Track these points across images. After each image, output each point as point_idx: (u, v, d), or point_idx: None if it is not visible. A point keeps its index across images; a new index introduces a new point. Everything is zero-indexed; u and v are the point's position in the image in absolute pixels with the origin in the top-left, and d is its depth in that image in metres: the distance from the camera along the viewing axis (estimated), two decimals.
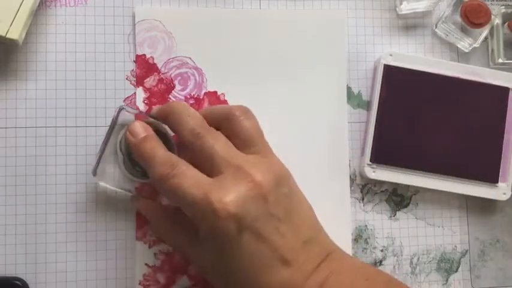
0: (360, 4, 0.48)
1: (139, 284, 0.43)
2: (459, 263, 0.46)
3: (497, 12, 0.47)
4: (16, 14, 0.40)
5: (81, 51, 0.44)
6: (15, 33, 0.40)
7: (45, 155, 0.43)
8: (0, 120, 0.42)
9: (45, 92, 0.43)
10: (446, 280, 0.46)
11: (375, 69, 0.46)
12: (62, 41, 0.44)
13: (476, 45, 0.47)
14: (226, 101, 0.45)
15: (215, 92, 0.45)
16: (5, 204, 0.42)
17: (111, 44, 0.44)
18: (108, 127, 0.40)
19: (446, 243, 0.47)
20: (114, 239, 0.43)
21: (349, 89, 0.47)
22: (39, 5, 0.42)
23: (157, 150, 0.37)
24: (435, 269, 0.46)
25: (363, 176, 0.46)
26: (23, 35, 0.41)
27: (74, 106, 0.43)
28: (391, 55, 0.46)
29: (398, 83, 0.45)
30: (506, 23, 0.47)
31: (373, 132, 0.45)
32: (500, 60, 0.47)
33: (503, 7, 0.47)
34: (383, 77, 0.45)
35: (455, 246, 0.47)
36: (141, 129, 0.38)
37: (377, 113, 0.45)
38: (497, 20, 0.47)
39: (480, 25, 0.46)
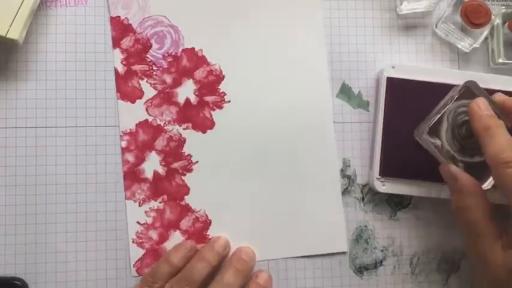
0: (360, 4, 0.48)
1: (133, 242, 0.43)
2: (459, 264, 0.46)
3: (497, 12, 0.47)
4: (16, 14, 0.40)
5: (81, 51, 0.44)
6: (15, 33, 0.40)
7: (45, 155, 0.43)
8: (0, 120, 0.42)
9: (45, 92, 0.43)
10: (447, 280, 0.46)
11: (378, 82, 0.46)
12: (62, 41, 0.44)
13: (476, 45, 0.47)
14: (204, 56, 0.45)
15: (192, 49, 0.45)
16: (4, 204, 0.42)
17: (111, 44, 0.44)
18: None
19: (447, 244, 0.46)
20: (115, 239, 0.43)
21: (349, 89, 0.47)
22: (39, 5, 0.42)
23: (500, 131, 0.38)
24: (435, 269, 0.46)
25: (373, 189, 0.45)
26: (23, 35, 0.41)
27: (74, 106, 0.43)
28: (393, 67, 0.45)
29: (402, 94, 0.45)
30: (507, 23, 0.47)
31: (380, 146, 0.45)
32: (500, 60, 0.47)
33: (503, 7, 0.47)
34: (386, 89, 0.45)
35: (455, 246, 0.47)
36: (487, 106, 0.39)
37: (383, 125, 0.45)
38: (497, 20, 0.47)
39: (480, 25, 0.46)
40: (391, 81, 0.45)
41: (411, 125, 0.45)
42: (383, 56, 0.47)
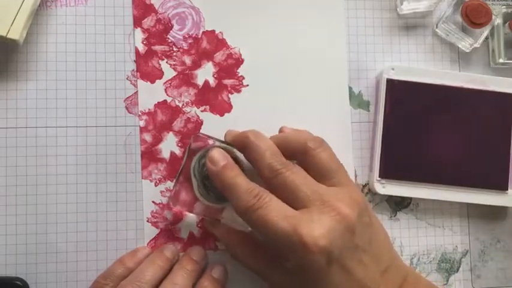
0: (360, 4, 0.48)
1: (147, 221, 0.43)
2: (460, 263, 0.46)
3: (498, 12, 0.47)
4: (17, 14, 0.40)
5: (81, 51, 0.44)
6: (15, 33, 0.40)
7: (46, 155, 0.43)
8: (1, 120, 0.42)
9: (45, 92, 0.43)
10: (447, 280, 0.46)
11: (378, 83, 0.46)
12: (62, 41, 0.44)
13: (476, 45, 0.47)
14: (224, 39, 0.46)
15: (213, 31, 0.46)
16: (5, 204, 0.42)
17: (111, 44, 0.44)
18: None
19: (447, 244, 0.46)
20: (115, 239, 0.43)
21: (349, 88, 0.47)
22: (39, 5, 0.42)
23: (239, 180, 0.37)
24: (435, 269, 0.46)
25: (373, 191, 0.45)
26: (24, 35, 0.41)
27: (74, 106, 0.43)
28: (393, 69, 0.45)
29: (402, 96, 0.45)
30: (507, 23, 0.47)
31: (380, 148, 0.45)
32: (501, 60, 0.47)
33: (504, 7, 0.47)
34: (386, 91, 0.45)
35: (456, 246, 0.47)
36: (220, 156, 0.38)
37: (383, 128, 0.45)
38: (497, 20, 0.47)
39: (481, 25, 0.46)
40: (391, 83, 0.45)
41: (411, 127, 0.45)
42: (383, 56, 0.47)
